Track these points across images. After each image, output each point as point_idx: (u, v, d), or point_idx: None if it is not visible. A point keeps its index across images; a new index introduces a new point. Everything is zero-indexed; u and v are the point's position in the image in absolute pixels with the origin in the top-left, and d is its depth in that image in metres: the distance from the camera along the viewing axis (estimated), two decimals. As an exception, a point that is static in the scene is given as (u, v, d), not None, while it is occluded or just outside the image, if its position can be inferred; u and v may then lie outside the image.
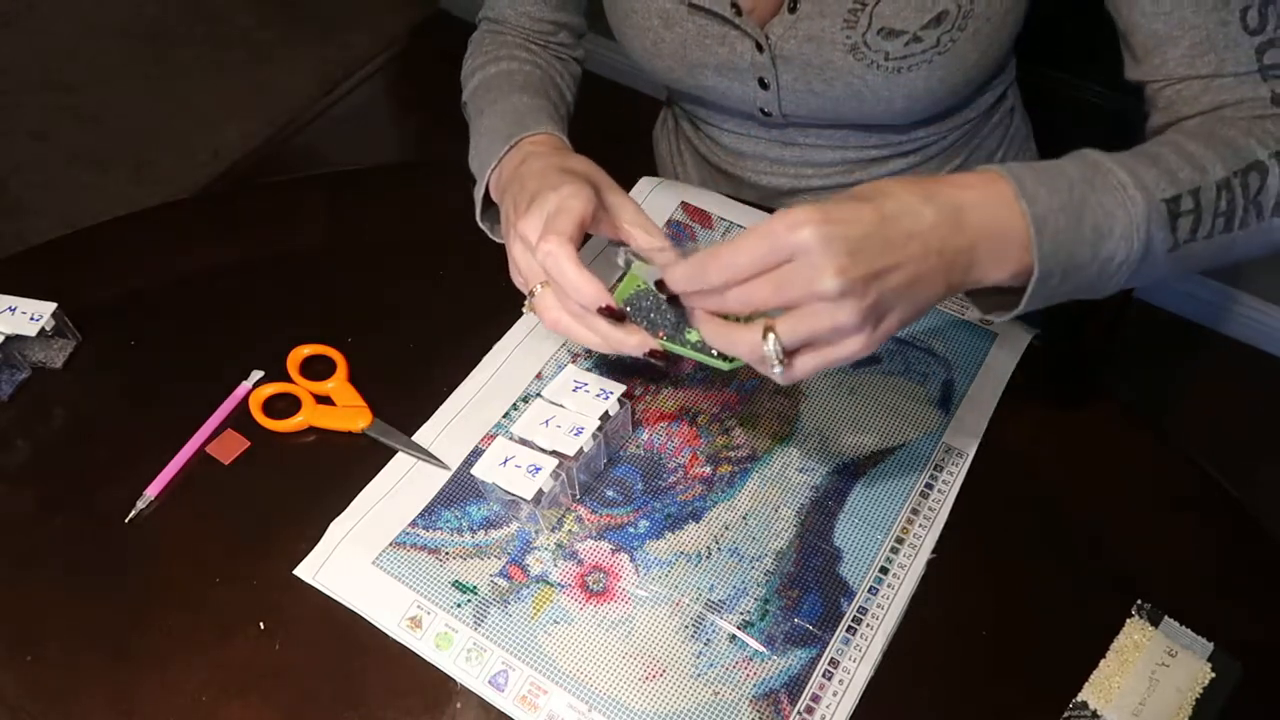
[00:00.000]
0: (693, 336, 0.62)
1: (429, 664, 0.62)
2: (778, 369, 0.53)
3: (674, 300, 0.58)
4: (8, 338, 0.74)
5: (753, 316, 0.55)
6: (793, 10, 0.76)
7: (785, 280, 0.51)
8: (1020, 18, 0.78)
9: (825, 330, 0.51)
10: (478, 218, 0.76)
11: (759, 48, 0.78)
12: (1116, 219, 0.56)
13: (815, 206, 0.50)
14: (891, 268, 0.51)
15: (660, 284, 0.56)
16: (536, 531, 0.67)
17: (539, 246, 0.61)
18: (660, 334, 0.63)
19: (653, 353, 0.61)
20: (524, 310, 0.64)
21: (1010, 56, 0.89)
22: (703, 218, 0.87)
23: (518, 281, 0.67)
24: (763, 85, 0.82)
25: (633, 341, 0.61)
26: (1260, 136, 0.63)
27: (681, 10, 0.79)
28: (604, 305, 0.60)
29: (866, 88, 0.78)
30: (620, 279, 0.67)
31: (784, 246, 0.50)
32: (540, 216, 0.63)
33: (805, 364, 0.53)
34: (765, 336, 0.52)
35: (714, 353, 0.60)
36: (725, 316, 0.56)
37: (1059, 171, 0.56)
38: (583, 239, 0.63)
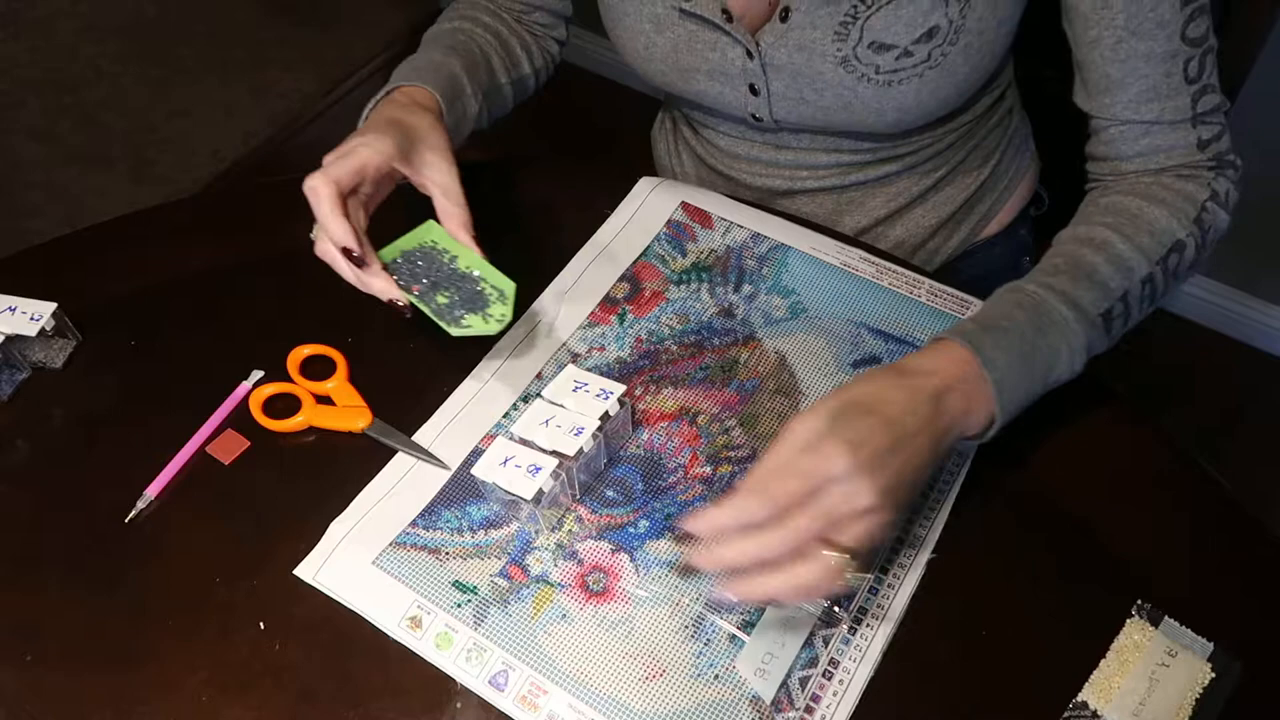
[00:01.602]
0: (441, 299, 0.70)
1: (429, 664, 0.62)
2: (855, 580, 0.57)
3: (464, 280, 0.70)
4: (8, 338, 0.74)
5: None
6: (784, 19, 0.76)
7: (829, 508, 0.55)
8: (1014, 29, 0.78)
9: (875, 535, 0.57)
10: None
11: (749, 55, 0.79)
12: (1061, 352, 0.65)
13: (836, 438, 0.55)
14: (904, 464, 0.57)
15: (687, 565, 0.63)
16: (536, 532, 0.67)
17: (304, 182, 0.67)
18: (414, 289, 0.69)
19: (394, 302, 0.68)
20: (310, 236, 0.70)
21: (1008, 60, 0.89)
22: (703, 218, 0.87)
23: None
24: (753, 91, 0.82)
25: (376, 285, 0.68)
26: (1179, 212, 0.70)
27: (673, 15, 0.79)
28: (344, 247, 0.67)
29: (857, 99, 0.78)
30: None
31: (819, 477, 0.55)
32: (334, 156, 0.69)
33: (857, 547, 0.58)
34: (843, 570, 0.55)
35: (446, 320, 0.68)
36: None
37: (1010, 324, 0.64)
38: (362, 183, 0.69)
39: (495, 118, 0.90)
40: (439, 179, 0.72)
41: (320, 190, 0.67)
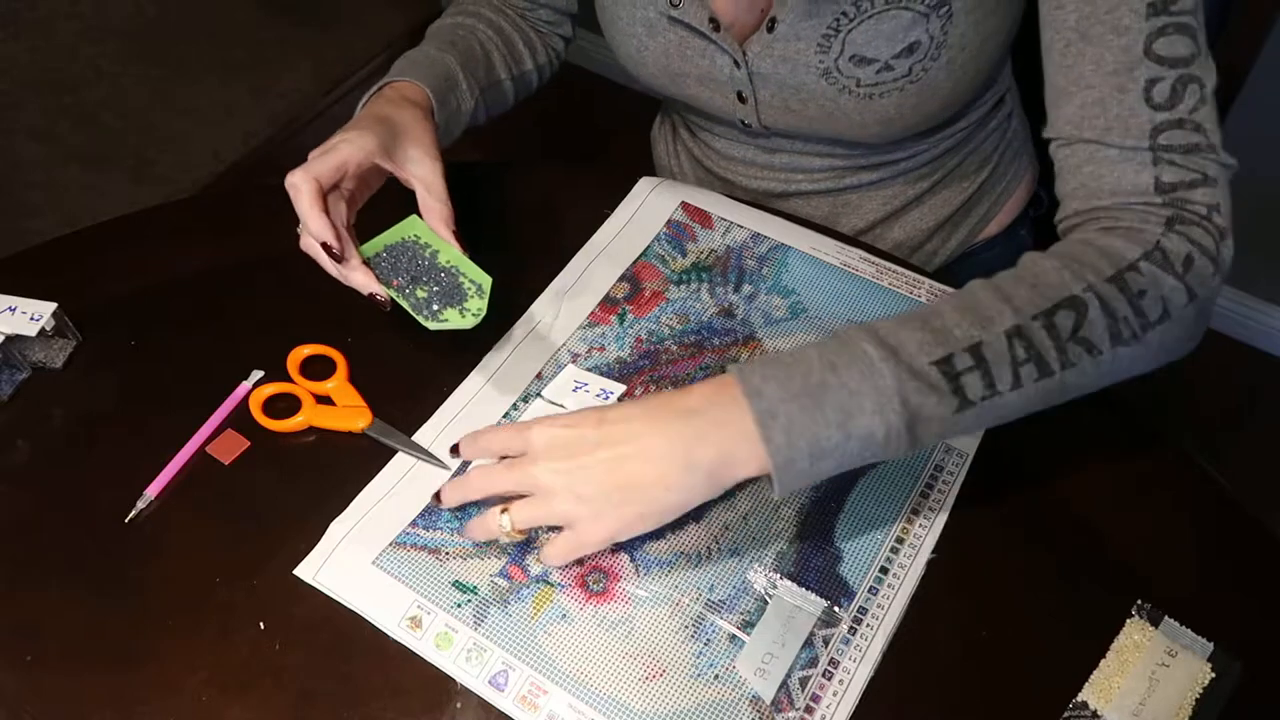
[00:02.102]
0: (421, 294, 0.70)
1: (429, 664, 0.62)
2: (505, 541, 0.64)
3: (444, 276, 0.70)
4: (8, 338, 0.74)
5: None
6: (770, 30, 0.76)
7: (515, 466, 0.60)
8: (1005, 42, 0.77)
9: (543, 516, 0.61)
10: None
11: (736, 64, 0.79)
12: (863, 394, 0.55)
13: (556, 415, 0.61)
14: (598, 463, 0.58)
15: (453, 448, 0.65)
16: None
17: (286, 179, 0.68)
18: (394, 283, 0.70)
19: (373, 295, 0.69)
20: (298, 230, 0.71)
21: (1004, 66, 0.89)
22: (703, 218, 0.87)
23: None
24: (741, 99, 0.82)
25: (355, 279, 0.69)
26: (1086, 266, 0.59)
27: (663, 21, 0.80)
28: (323, 241, 0.68)
29: (839, 110, 0.78)
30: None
31: (522, 441, 0.60)
32: (318, 152, 0.70)
33: (555, 548, 0.61)
34: (501, 515, 0.61)
35: (423, 314, 0.69)
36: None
37: (799, 359, 0.56)
38: (344, 179, 0.70)
39: (495, 113, 0.90)
40: (421, 174, 0.72)
41: (300, 186, 0.68)
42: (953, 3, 0.71)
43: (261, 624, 0.64)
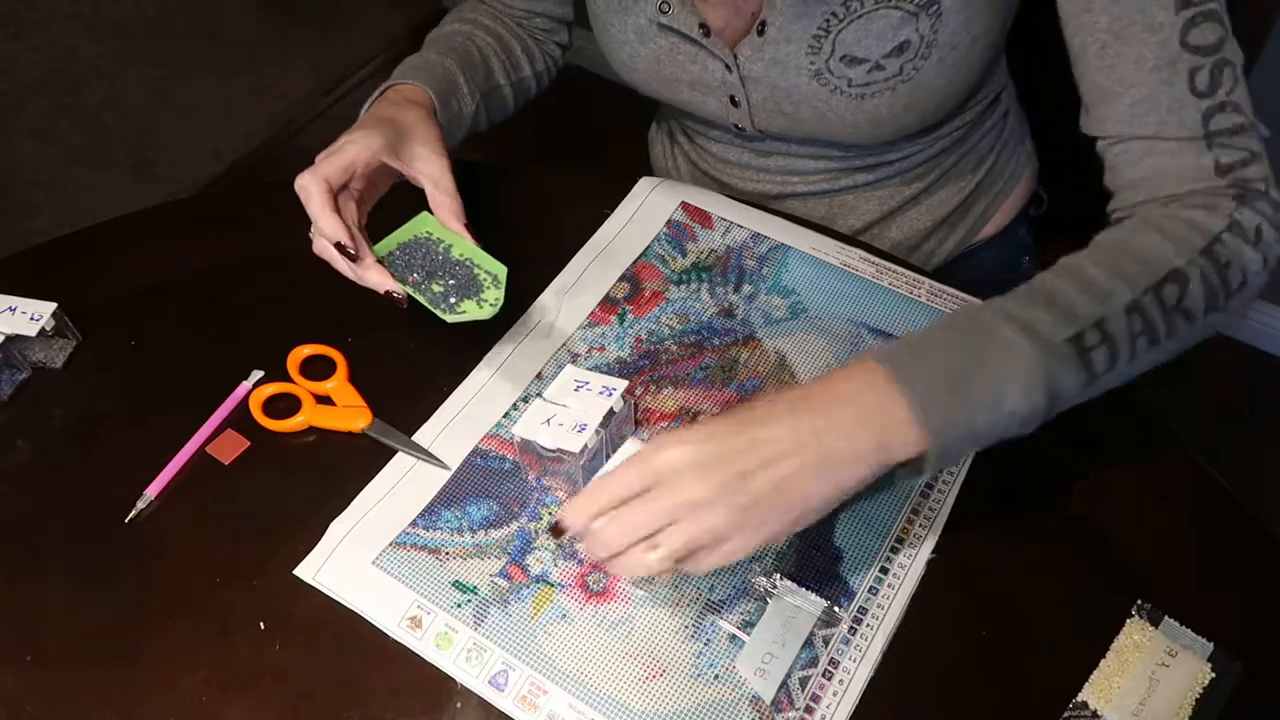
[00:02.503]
0: (437, 288, 0.70)
1: (429, 664, 0.62)
2: (661, 580, 0.61)
3: None
4: (8, 338, 0.74)
5: None
6: (761, 33, 0.76)
7: (657, 498, 0.54)
8: (994, 43, 0.77)
9: (703, 535, 0.54)
10: None
11: (728, 68, 0.79)
12: (1010, 377, 0.56)
13: (676, 432, 0.55)
14: (755, 469, 0.54)
15: (556, 527, 0.57)
16: (534, 534, 0.67)
17: (295, 181, 0.69)
18: (410, 279, 0.70)
19: (390, 293, 0.69)
20: (310, 234, 0.71)
21: (1000, 64, 0.89)
22: (703, 218, 0.87)
23: None
24: (734, 103, 0.82)
25: (370, 278, 0.69)
26: (1180, 240, 0.61)
27: (654, 28, 0.80)
28: (337, 241, 0.68)
29: (831, 112, 0.78)
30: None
31: (652, 471, 0.54)
32: (325, 154, 0.70)
33: (708, 560, 0.55)
34: (648, 553, 0.54)
35: (441, 307, 0.69)
36: None
37: (943, 344, 0.57)
38: (352, 180, 0.71)
39: (496, 119, 0.90)
40: (429, 170, 0.73)
41: (310, 188, 0.68)
42: (942, 2, 0.71)
43: (261, 624, 0.64)
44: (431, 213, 0.73)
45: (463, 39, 0.87)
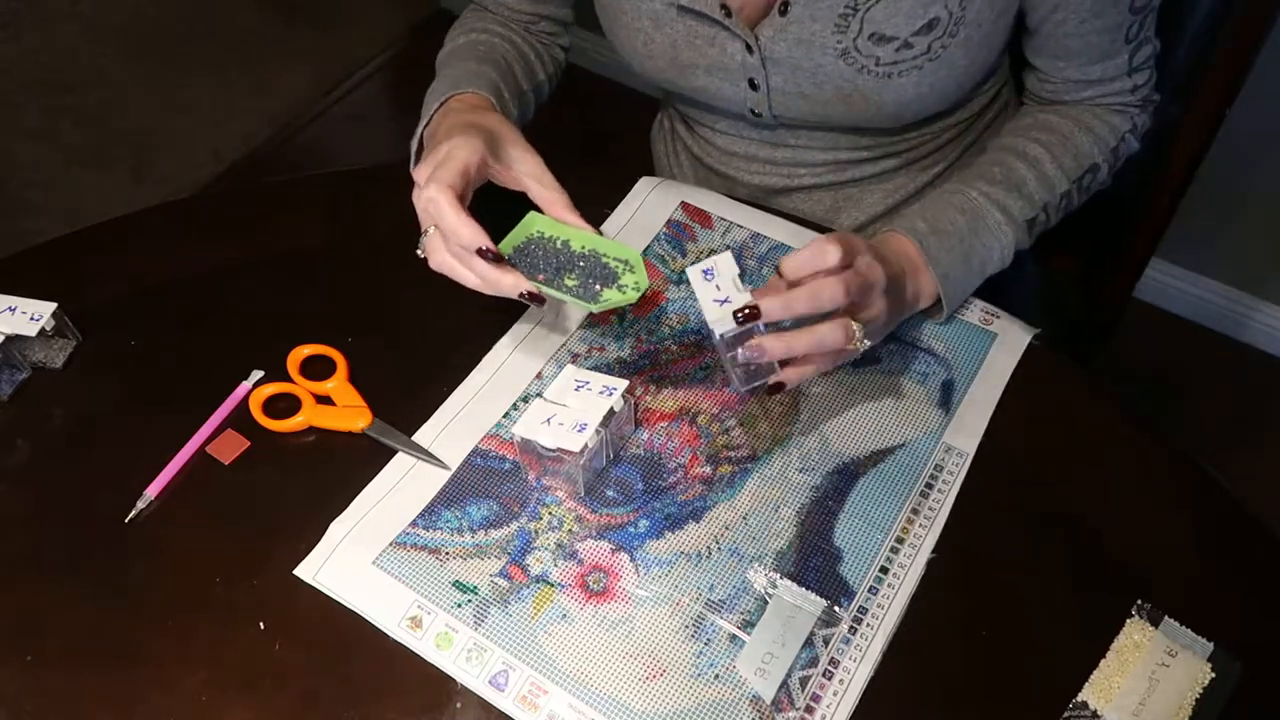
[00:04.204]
0: (570, 282, 0.69)
1: (429, 664, 0.62)
2: (864, 344, 0.66)
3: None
4: (8, 338, 0.74)
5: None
6: (783, 13, 0.76)
7: (862, 275, 0.65)
8: (1010, 23, 0.78)
9: (876, 317, 0.68)
10: (411, 171, 0.77)
11: (749, 49, 0.79)
12: (994, 250, 0.77)
13: (832, 238, 0.64)
14: (893, 306, 0.69)
15: (743, 312, 0.63)
16: (535, 532, 0.67)
17: (421, 193, 0.67)
18: (539, 277, 0.68)
19: (529, 294, 0.67)
20: (418, 251, 0.70)
21: (1004, 56, 0.89)
22: (702, 217, 0.87)
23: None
24: (753, 86, 0.82)
25: (507, 281, 0.67)
26: (1104, 136, 0.82)
27: (671, 12, 0.80)
28: (480, 247, 0.65)
29: (856, 92, 0.78)
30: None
31: (851, 250, 0.64)
32: (430, 165, 0.68)
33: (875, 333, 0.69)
34: (851, 325, 0.64)
35: (585, 298, 0.68)
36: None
37: (953, 228, 0.75)
38: (468, 185, 0.69)
39: (522, 125, 0.89)
40: (530, 169, 0.72)
41: (441, 199, 0.66)
42: None
43: (261, 624, 0.64)
44: (539, 211, 0.72)
45: (486, 49, 0.87)
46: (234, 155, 2.01)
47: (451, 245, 0.67)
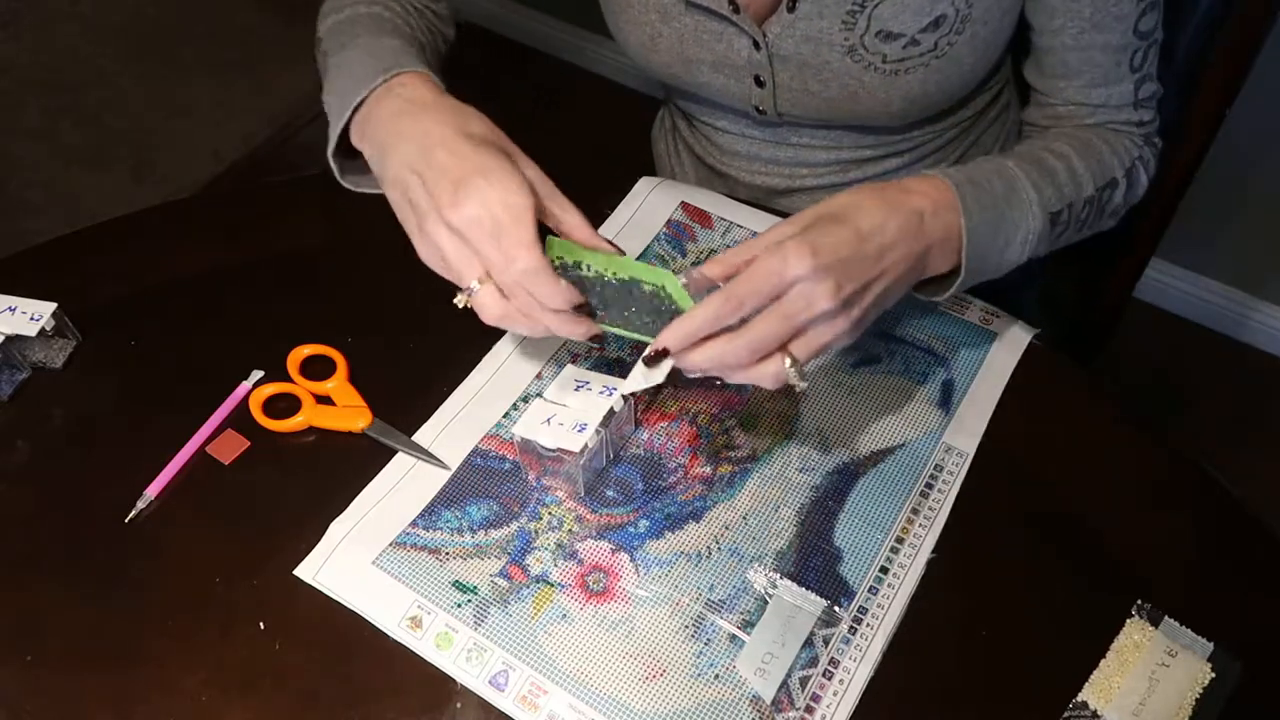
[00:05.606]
0: (640, 319, 0.64)
1: (429, 664, 0.62)
2: (801, 385, 0.59)
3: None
4: (8, 338, 0.74)
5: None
6: (791, 9, 0.76)
7: (790, 312, 0.57)
8: (1015, 20, 0.78)
9: (828, 342, 0.59)
10: (329, 156, 0.70)
11: (756, 45, 0.78)
12: (1018, 230, 0.69)
13: (801, 240, 0.56)
14: (874, 279, 0.60)
15: (655, 354, 0.59)
16: (536, 532, 0.67)
17: (512, 267, 0.59)
18: (601, 315, 0.64)
19: (595, 336, 0.64)
20: (456, 304, 0.62)
21: (1007, 55, 0.89)
22: (702, 218, 0.87)
23: (438, 268, 0.63)
24: (758, 83, 0.82)
25: (581, 330, 0.62)
26: (1121, 154, 0.78)
27: (679, 6, 0.79)
28: (579, 304, 0.62)
29: (863, 89, 0.78)
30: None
31: (784, 283, 0.56)
32: (477, 206, 0.59)
33: (808, 348, 0.59)
34: (785, 363, 0.58)
35: (651, 333, 0.61)
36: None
37: (989, 186, 0.67)
38: None
39: None
40: (542, 189, 0.64)
41: (540, 272, 0.59)
42: None
43: (261, 624, 0.64)
44: (554, 235, 0.64)
45: (405, 29, 0.77)
46: (234, 155, 2.01)
47: (522, 302, 0.60)
